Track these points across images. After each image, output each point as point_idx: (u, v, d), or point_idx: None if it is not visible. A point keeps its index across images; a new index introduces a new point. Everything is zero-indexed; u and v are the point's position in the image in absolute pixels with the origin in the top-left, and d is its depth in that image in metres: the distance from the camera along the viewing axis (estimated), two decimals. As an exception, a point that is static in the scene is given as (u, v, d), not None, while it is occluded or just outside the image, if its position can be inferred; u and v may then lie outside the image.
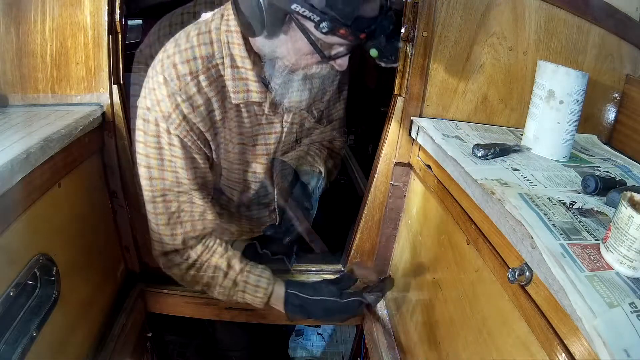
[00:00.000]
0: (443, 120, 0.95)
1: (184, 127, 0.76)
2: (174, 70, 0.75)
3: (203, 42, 0.77)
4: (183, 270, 0.88)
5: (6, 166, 0.61)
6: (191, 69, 0.75)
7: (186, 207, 0.83)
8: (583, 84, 0.77)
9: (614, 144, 0.99)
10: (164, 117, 0.75)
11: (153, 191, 0.82)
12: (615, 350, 0.39)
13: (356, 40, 0.69)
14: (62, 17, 0.87)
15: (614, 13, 0.94)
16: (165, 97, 0.75)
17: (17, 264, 0.67)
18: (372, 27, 0.69)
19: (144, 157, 0.80)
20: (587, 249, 0.51)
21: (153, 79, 0.77)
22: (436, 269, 0.86)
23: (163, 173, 0.80)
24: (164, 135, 0.77)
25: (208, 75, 0.77)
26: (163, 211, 0.83)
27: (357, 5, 0.65)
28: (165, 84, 0.75)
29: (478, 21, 0.90)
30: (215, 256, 0.88)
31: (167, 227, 0.84)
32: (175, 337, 1.72)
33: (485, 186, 0.65)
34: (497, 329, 0.63)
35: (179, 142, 0.77)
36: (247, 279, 0.89)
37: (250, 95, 0.81)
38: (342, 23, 0.65)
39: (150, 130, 0.77)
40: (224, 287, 0.89)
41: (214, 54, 0.77)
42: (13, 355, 0.64)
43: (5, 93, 0.90)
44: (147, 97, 0.77)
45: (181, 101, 0.75)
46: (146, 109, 0.77)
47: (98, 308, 0.96)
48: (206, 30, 0.77)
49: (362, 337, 1.21)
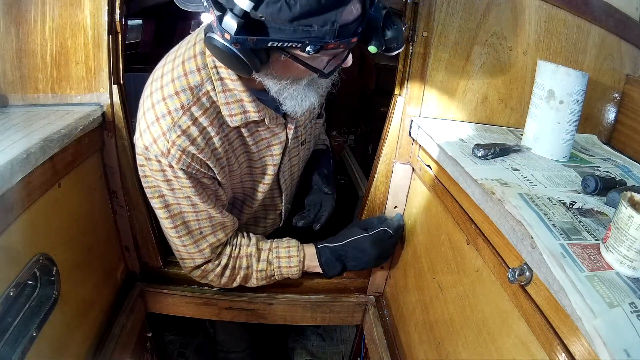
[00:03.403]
0: (443, 120, 0.95)
1: (185, 160, 0.74)
2: (164, 105, 0.73)
3: (190, 70, 0.74)
4: (219, 274, 0.91)
5: (6, 166, 0.61)
6: (182, 102, 0.73)
7: (205, 223, 0.84)
8: (583, 84, 0.77)
9: (614, 144, 0.99)
10: (163, 154, 0.73)
11: (173, 217, 0.82)
12: (615, 350, 0.39)
13: (349, 45, 0.65)
14: (62, 17, 0.87)
15: (614, 13, 0.94)
16: (161, 135, 0.72)
17: (17, 264, 0.67)
18: (362, 27, 0.63)
19: (154, 189, 0.80)
20: (587, 249, 0.51)
21: (145, 115, 0.74)
22: (436, 269, 0.86)
23: (177, 199, 0.79)
24: (168, 170, 0.75)
25: (200, 105, 0.74)
26: (186, 232, 0.83)
27: (334, 18, 0.58)
28: (158, 121, 0.73)
29: (478, 21, 0.90)
30: (243, 248, 0.92)
31: (193, 246, 0.85)
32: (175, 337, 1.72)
33: (485, 186, 0.65)
34: (497, 328, 0.63)
35: (184, 173, 0.75)
36: (278, 253, 0.93)
37: (248, 116, 0.78)
38: (326, 40, 0.60)
39: (154, 166, 0.76)
40: (260, 270, 0.92)
41: (203, 82, 0.74)
42: (13, 355, 0.64)
43: (5, 93, 0.90)
44: (142, 135, 0.74)
45: (176, 137, 0.72)
46: (144, 148, 0.74)
47: (98, 308, 0.96)
48: (191, 56, 0.74)
49: (362, 337, 1.21)
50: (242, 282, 0.95)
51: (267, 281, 0.96)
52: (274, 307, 1.09)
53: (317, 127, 1.05)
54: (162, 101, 0.73)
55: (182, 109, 0.73)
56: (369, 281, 1.15)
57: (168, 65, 0.76)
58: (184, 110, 0.73)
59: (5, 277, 0.64)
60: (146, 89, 0.77)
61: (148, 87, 0.76)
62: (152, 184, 0.79)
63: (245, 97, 0.76)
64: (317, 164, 1.09)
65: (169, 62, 0.76)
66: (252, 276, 0.94)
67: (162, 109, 0.73)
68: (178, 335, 1.73)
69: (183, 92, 0.73)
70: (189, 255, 0.87)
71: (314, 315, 1.14)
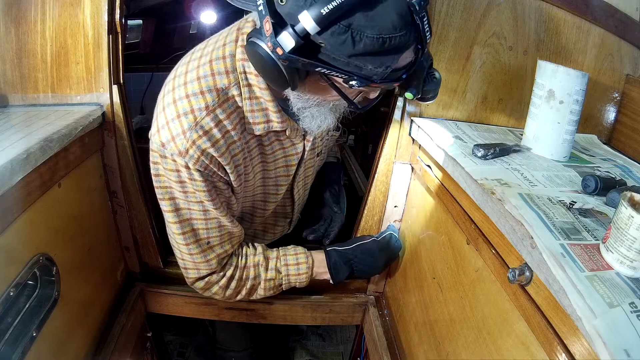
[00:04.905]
0: (443, 120, 0.95)
1: (203, 161, 0.71)
2: (187, 102, 0.69)
3: (217, 71, 0.70)
4: (224, 286, 0.87)
5: (6, 166, 0.61)
6: (207, 102, 0.69)
7: (214, 232, 0.81)
8: (583, 84, 0.77)
9: (614, 144, 0.99)
10: (180, 153, 0.70)
11: (182, 222, 0.78)
12: (615, 350, 0.39)
13: (390, 87, 0.64)
14: (62, 17, 0.87)
15: (614, 13, 0.94)
16: (180, 133, 0.69)
17: (17, 264, 0.67)
18: (407, 75, 0.62)
19: (165, 190, 0.76)
20: (587, 249, 0.51)
21: (165, 111, 0.71)
22: (436, 269, 0.86)
23: (189, 204, 0.76)
24: (183, 170, 0.72)
25: (225, 107, 0.71)
26: (194, 240, 0.80)
27: (390, 63, 0.57)
28: (179, 119, 0.69)
29: (478, 21, 0.90)
30: (249, 257, 0.89)
31: (200, 255, 0.82)
32: (175, 337, 1.72)
33: (485, 186, 0.65)
34: (497, 329, 0.63)
35: (200, 175, 0.72)
36: (286, 261, 0.91)
37: (271, 126, 0.76)
38: (373, 80, 0.58)
39: (169, 165, 0.72)
40: (269, 279, 0.89)
41: (230, 85, 0.71)
42: (13, 355, 0.64)
43: (5, 93, 0.90)
44: (160, 131, 0.71)
45: (197, 137, 0.69)
46: (161, 145, 0.71)
47: (98, 308, 0.96)
48: (220, 57, 0.71)
49: (362, 337, 1.21)
50: (246, 296, 0.91)
51: (274, 291, 0.93)
52: (274, 307, 1.09)
53: (333, 139, 1.04)
54: (186, 98, 0.70)
55: (207, 110, 0.69)
56: (369, 281, 1.15)
57: (193, 62, 0.72)
58: (208, 112, 0.70)
59: (5, 277, 0.64)
60: (167, 83, 0.73)
61: (170, 82, 0.73)
62: (164, 184, 0.76)
63: (272, 107, 0.74)
64: (329, 178, 1.09)
65: (194, 60, 0.73)
66: (259, 286, 0.90)
67: (185, 107, 0.69)
68: (178, 335, 1.73)
69: (209, 92, 0.70)
70: (194, 265, 0.84)
71: (314, 315, 1.14)
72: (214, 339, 1.38)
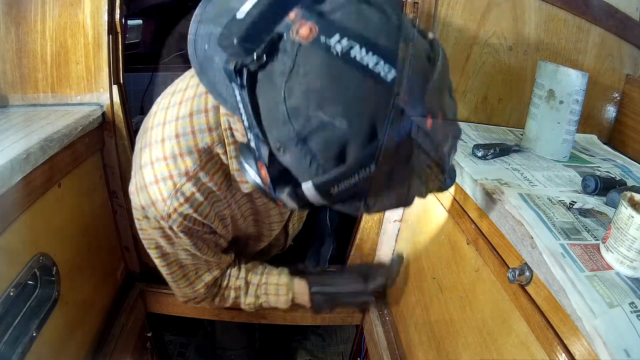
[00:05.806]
0: (443, 120, 0.95)
1: (187, 225, 0.66)
2: (165, 166, 0.61)
3: (199, 128, 0.61)
4: (210, 301, 0.87)
5: (6, 166, 0.61)
6: (187, 168, 0.61)
7: (202, 264, 0.79)
8: (583, 84, 0.77)
9: (614, 144, 0.99)
10: (162, 217, 0.64)
11: (169, 264, 0.76)
12: (615, 350, 0.39)
13: None
14: (62, 17, 0.87)
15: (614, 13, 0.94)
16: (160, 200, 0.62)
17: (17, 264, 0.67)
18: None
19: (151, 241, 0.73)
20: (587, 249, 0.51)
21: (143, 170, 0.63)
22: (436, 269, 0.86)
23: (176, 250, 0.73)
24: (168, 231, 0.67)
25: (208, 168, 0.63)
26: (182, 276, 0.79)
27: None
28: (157, 184, 0.62)
29: (478, 21, 0.90)
30: (232, 279, 0.87)
31: (188, 287, 0.81)
32: (175, 337, 1.72)
33: (485, 186, 0.65)
34: (497, 329, 0.63)
35: (184, 234, 0.67)
36: (267, 289, 0.89)
37: None
38: None
39: (152, 224, 0.67)
40: (248, 304, 0.89)
41: (213, 144, 0.62)
42: (13, 355, 0.64)
43: (5, 93, 0.90)
44: (139, 193, 0.64)
45: (178, 205, 0.62)
46: (141, 208, 0.65)
47: (98, 308, 0.96)
48: (201, 110, 0.62)
49: (362, 337, 1.21)
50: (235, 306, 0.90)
51: (255, 310, 0.91)
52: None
53: None
54: (163, 160, 0.61)
55: (187, 175, 0.62)
56: (369, 281, 1.14)
57: (172, 110, 0.63)
58: (189, 177, 0.62)
59: (5, 277, 0.64)
60: (145, 131, 0.65)
61: (148, 131, 0.64)
62: (150, 236, 0.72)
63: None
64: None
65: (173, 107, 0.63)
66: (240, 305, 0.90)
67: (163, 171, 0.62)
68: (178, 335, 1.73)
69: (189, 154, 0.61)
70: (182, 293, 0.83)
71: (314, 315, 1.14)
72: (214, 338, 1.38)
